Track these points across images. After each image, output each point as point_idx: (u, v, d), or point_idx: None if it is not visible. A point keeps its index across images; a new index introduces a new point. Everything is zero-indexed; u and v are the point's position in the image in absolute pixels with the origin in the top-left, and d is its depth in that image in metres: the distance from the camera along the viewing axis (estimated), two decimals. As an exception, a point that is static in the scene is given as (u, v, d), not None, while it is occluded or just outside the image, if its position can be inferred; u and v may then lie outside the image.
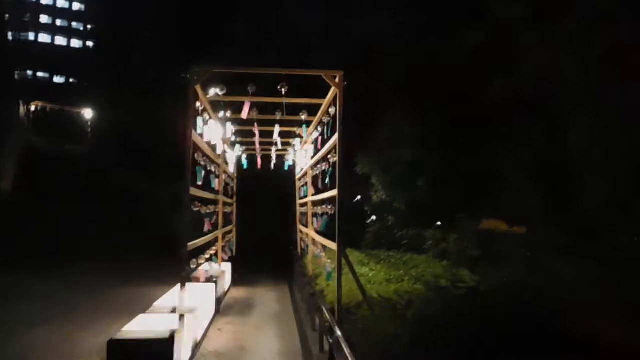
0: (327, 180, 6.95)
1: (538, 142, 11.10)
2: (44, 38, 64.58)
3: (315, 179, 9.28)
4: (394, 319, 6.24)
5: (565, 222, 9.81)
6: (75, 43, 65.22)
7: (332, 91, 6.53)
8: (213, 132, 8.09)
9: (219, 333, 8.65)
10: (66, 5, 66.31)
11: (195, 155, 6.81)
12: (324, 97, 7.57)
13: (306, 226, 11.93)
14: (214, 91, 6.70)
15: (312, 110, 8.50)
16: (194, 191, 6.24)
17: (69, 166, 25.58)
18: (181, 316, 6.00)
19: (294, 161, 13.97)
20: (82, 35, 64.83)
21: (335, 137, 6.29)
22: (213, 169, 8.96)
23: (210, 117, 7.88)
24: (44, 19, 65.45)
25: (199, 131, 6.69)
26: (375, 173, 13.80)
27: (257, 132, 8.37)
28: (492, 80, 11.56)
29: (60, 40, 65.76)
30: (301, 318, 9.90)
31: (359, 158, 14.55)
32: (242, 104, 8.06)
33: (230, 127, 9.74)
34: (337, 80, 6.18)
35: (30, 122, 37.18)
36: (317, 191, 9.10)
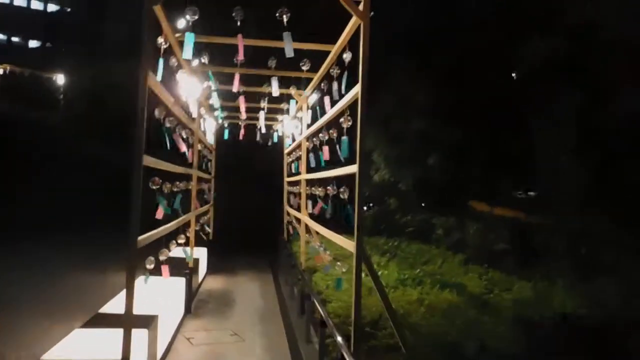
0: (341, 152, 5.04)
1: (579, 113, 9.30)
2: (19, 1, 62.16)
3: (314, 151, 7.38)
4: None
5: (613, 209, 8.06)
6: (52, 7, 62.52)
7: (352, 25, 4.61)
8: (183, 85, 6.11)
9: (188, 346, 6.80)
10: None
11: (156, 112, 4.84)
12: (331, 42, 5.68)
13: (296, 208, 10.08)
14: (184, 22, 4.70)
15: (314, 62, 6.54)
16: (150, 161, 4.29)
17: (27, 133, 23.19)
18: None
19: (282, 132, 12.04)
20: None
21: (355, 91, 4.38)
22: (184, 135, 7.00)
23: (179, 65, 5.89)
24: None
25: (159, 78, 4.72)
26: (379, 148, 11.91)
27: (237, 84, 6.26)
28: (525, 38, 9.72)
29: (36, 4, 63.28)
30: (290, 321, 8.11)
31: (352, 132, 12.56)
32: (225, 47, 6.09)
33: (210, 84, 7.71)
34: (361, 7, 4.26)
35: (-2, 85, 34.77)
36: (318, 167, 7.23)
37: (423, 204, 12.66)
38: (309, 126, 7.98)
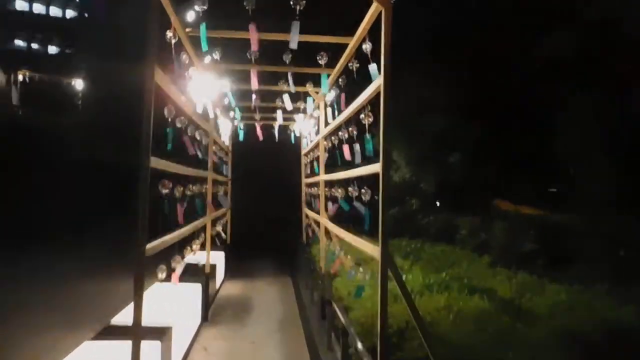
0: (366, 149, 4.71)
1: (606, 111, 8.85)
2: (38, 9, 63.24)
3: (332, 151, 7.06)
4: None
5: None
6: (70, 13, 63.42)
7: (371, 14, 4.28)
8: (196, 83, 5.85)
9: (204, 355, 6.53)
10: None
11: (166, 111, 4.56)
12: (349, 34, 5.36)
13: (315, 210, 9.78)
14: (192, 14, 4.41)
15: (331, 57, 6.22)
16: (158, 163, 4.02)
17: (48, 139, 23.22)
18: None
19: (299, 132, 11.75)
20: (76, 5, 63.07)
21: (376, 84, 4.05)
22: (198, 136, 6.73)
23: (191, 62, 5.62)
24: None
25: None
26: (399, 147, 11.54)
27: (255, 81, 5.90)
28: (546, 33, 9.30)
29: (55, 11, 64.36)
30: (311, 328, 7.81)
31: (376, 128, 12.20)
32: (238, 43, 5.80)
33: (225, 83, 7.44)
34: (382, -8, 3.93)
35: (17, 92, 35.16)
36: (335, 166, 6.91)
37: (438, 203, 12.27)
38: (326, 124, 7.66)
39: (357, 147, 5.66)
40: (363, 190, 4.66)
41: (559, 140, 9.82)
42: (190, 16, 4.39)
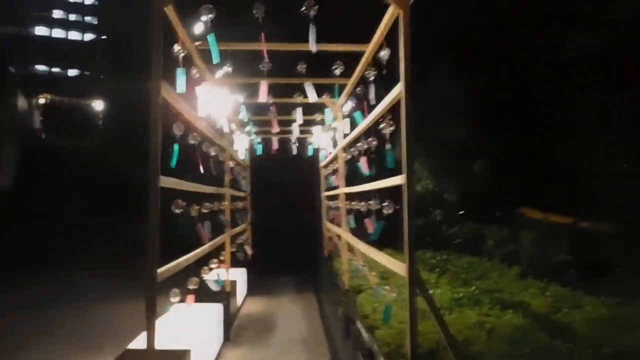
0: (387, 161, 4.48)
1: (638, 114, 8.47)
2: (58, 33, 65.11)
3: (352, 163, 6.83)
4: None
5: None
6: (89, 36, 64.99)
7: (389, 18, 4.06)
8: (209, 98, 5.68)
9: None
10: (78, -1, 66.77)
11: (175, 127, 4.39)
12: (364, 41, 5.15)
13: (336, 223, 9.54)
14: (200, 26, 4.24)
15: (347, 67, 6.02)
16: (168, 182, 3.83)
17: (68, 161, 23.41)
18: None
19: (317, 144, 11.55)
20: (94, 28, 64.66)
21: (396, 91, 3.82)
22: (213, 152, 6.57)
23: (202, 76, 5.46)
24: (58, 14, 66.14)
25: (179, 90, 4.28)
26: (419, 156, 11.24)
27: (264, 94, 5.67)
28: (578, 32, 8.98)
29: (75, 35, 66.18)
30: (335, 347, 7.54)
31: (395, 139, 11.93)
32: (249, 56, 5.63)
33: (238, 98, 7.28)
34: (400, -7, 3.71)
35: (39, 116, 35.83)
36: (356, 179, 6.67)
37: (461, 212, 11.92)
38: (344, 136, 7.44)
39: (364, 160, 5.46)
40: (385, 203, 4.40)
41: (587, 145, 9.43)
42: (198, 28, 4.20)
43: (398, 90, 3.68)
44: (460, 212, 11.91)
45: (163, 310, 5.76)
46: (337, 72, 5.33)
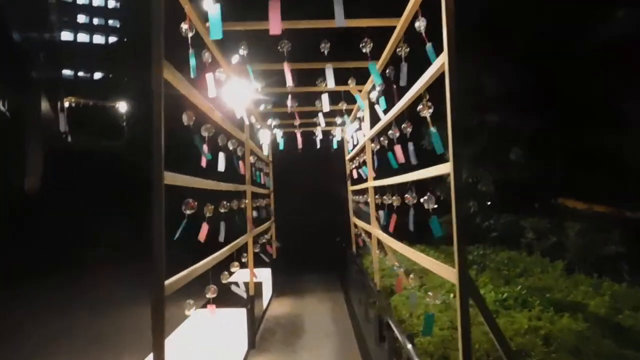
0: (435, 146, 3.90)
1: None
2: (82, 37, 65.89)
3: (381, 153, 6.27)
4: None
5: None
6: (113, 39, 65.52)
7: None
8: (224, 86, 5.20)
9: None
10: (102, 3, 67.44)
11: (185, 116, 3.90)
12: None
13: (365, 219, 9.02)
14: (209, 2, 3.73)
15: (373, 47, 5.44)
16: (174, 179, 3.34)
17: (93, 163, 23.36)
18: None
19: (342, 136, 11.03)
20: (118, 32, 65.15)
21: (438, 63, 3.26)
22: (230, 146, 6.09)
23: (216, 61, 4.97)
24: (82, 18, 66.97)
25: (192, 75, 3.80)
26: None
27: (289, 75, 5.09)
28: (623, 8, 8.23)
29: (98, 39, 66.88)
30: (368, 351, 7.02)
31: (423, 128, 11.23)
32: (267, 41, 5.11)
33: (257, 86, 6.77)
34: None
35: (65, 119, 36.08)
36: (386, 172, 6.12)
37: (489, 202, 11.23)
38: (372, 125, 6.89)
39: (411, 146, 4.88)
40: (426, 197, 3.85)
41: (632, 131, 8.68)
42: (207, 4, 3.70)
43: (440, 62, 3.13)
44: (488, 203, 11.24)
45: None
46: (366, 50, 4.75)
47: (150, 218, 3.02)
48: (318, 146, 10.92)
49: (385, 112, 5.17)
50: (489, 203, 11.23)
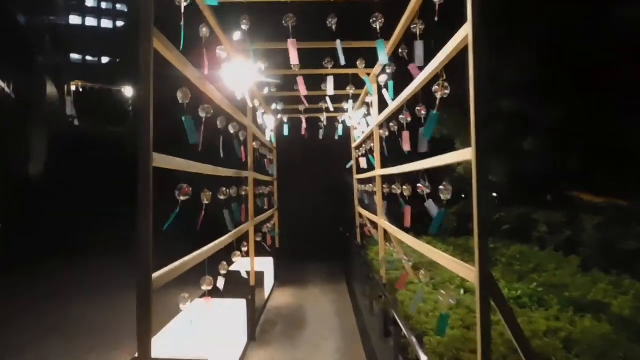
0: (425, 132, 3.58)
1: None
2: (90, 21, 65.64)
3: (391, 140, 5.91)
4: None
5: None
6: (120, 23, 65.20)
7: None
8: (225, 64, 4.85)
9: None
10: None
11: (179, 94, 3.56)
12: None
13: (371, 210, 8.68)
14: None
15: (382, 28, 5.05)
16: (164, 161, 3.01)
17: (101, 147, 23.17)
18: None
19: (350, 123, 10.65)
20: (126, 16, 64.82)
21: (462, 34, 2.88)
22: (232, 130, 5.75)
23: (216, 38, 4.62)
24: (90, 2, 66.78)
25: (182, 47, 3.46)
26: (462, 133, 10.08)
27: (294, 53, 4.71)
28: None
29: (106, 23, 66.57)
30: (372, 346, 6.72)
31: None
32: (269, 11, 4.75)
33: (260, 67, 6.41)
34: None
35: (71, 102, 35.91)
36: (395, 158, 5.77)
37: (495, 194, 10.84)
38: (381, 110, 6.52)
39: (421, 131, 4.53)
40: (442, 187, 3.50)
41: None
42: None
43: (464, 34, 2.76)
44: (494, 194, 10.86)
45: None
46: (377, 26, 4.37)
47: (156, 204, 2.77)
48: (322, 133, 10.57)
49: (393, 99, 4.81)
50: (494, 195, 10.86)
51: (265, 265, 9.75)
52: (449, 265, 3.15)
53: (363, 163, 9.46)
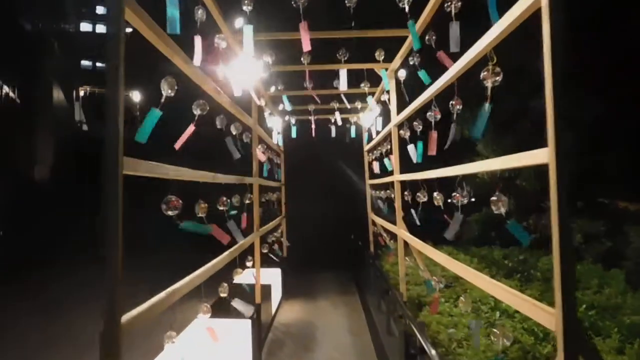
0: (475, 130, 2.91)
1: None
2: (101, 29, 65.91)
3: (414, 140, 5.20)
4: None
5: None
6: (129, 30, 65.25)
7: None
8: (225, 56, 4.18)
9: None
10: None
11: (162, 84, 2.89)
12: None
13: (387, 218, 7.99)
14: None
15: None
16: (139, 166, 2.33)
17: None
18: None
19: (362, 123, 9.97)
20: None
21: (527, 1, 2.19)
22: (234, 131, 5.08)
23: (215, 26, 3.95)
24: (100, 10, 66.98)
25: (170, 29, 2.80)
26: (485, 138, 9.28)
27: (306, 39, 4.01)
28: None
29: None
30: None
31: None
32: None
33: (266, 61, 5.74)
34: None
35: (80, 107, 35.82)
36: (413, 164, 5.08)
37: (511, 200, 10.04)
38: (400, 109, 5.82)
39: (453, 129, 3.88)
40: (495, 197, 2.81)
41: None
42: None
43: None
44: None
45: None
46: (404, 5, 3.68)
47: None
48: (334, 131, 9.89)
49: (430, 84, 4.11)
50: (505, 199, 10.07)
51: (273, 277, 9.06)
52: (519, 305, 2.43)
53: (376, 167, 8.77)
